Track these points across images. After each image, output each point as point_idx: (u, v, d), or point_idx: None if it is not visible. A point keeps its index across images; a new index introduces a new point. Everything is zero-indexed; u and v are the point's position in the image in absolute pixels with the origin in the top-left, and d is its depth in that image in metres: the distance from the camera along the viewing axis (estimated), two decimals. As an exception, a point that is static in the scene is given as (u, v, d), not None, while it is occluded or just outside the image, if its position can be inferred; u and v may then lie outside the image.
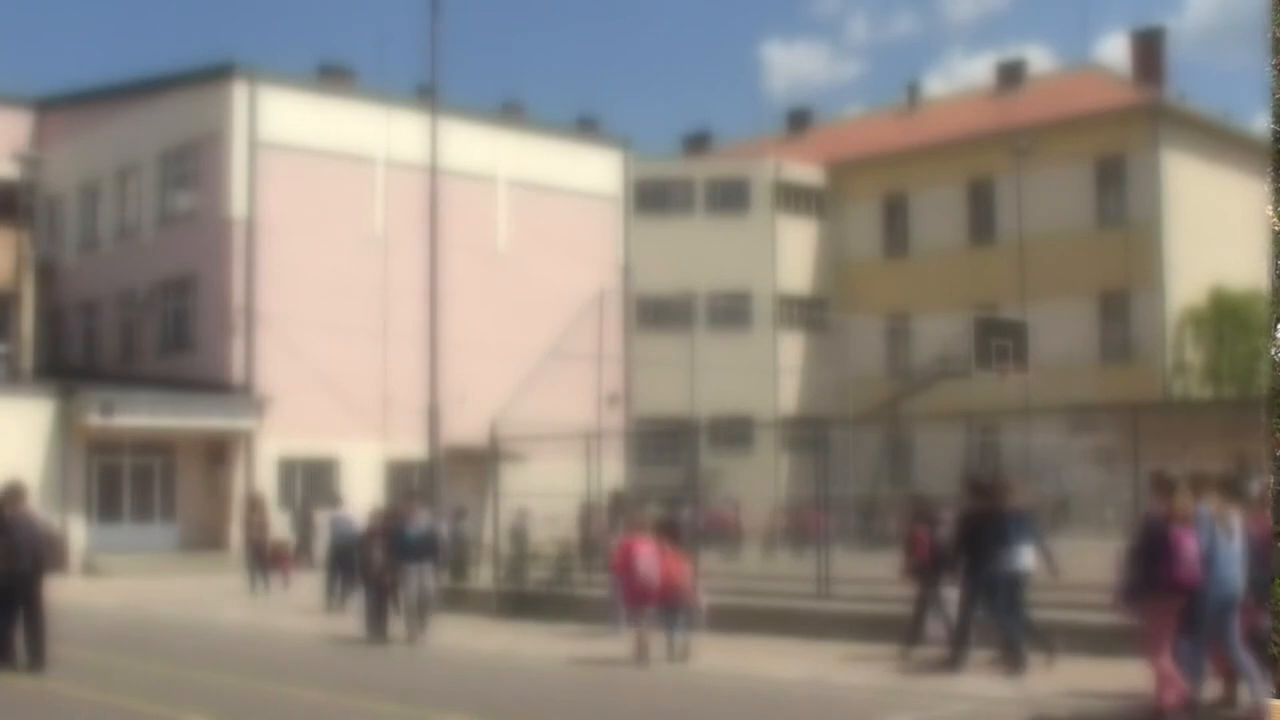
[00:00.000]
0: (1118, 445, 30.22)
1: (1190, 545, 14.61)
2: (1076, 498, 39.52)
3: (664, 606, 20.88)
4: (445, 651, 22.63)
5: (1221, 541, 14.83)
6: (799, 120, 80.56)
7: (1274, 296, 12.38)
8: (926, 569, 20.38)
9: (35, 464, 41.26)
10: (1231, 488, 15.52)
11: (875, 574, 23.33)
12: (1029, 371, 46.73)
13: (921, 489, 30.55)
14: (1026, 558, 19.16)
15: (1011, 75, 71.35)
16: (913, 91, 77.20)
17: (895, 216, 67.31)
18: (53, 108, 57.09)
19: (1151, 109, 60.13)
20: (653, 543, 20.95)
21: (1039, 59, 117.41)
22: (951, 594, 19.93)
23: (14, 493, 19.99)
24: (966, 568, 19.31)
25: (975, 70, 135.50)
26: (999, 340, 47.44)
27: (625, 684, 18.84)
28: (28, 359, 46.40)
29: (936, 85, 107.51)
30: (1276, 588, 11.58)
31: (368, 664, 21.54)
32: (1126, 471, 22.25)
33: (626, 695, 18.04)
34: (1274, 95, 12.26)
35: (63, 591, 20.01)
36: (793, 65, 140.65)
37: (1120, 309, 58.97)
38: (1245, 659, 14.81)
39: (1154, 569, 14.70)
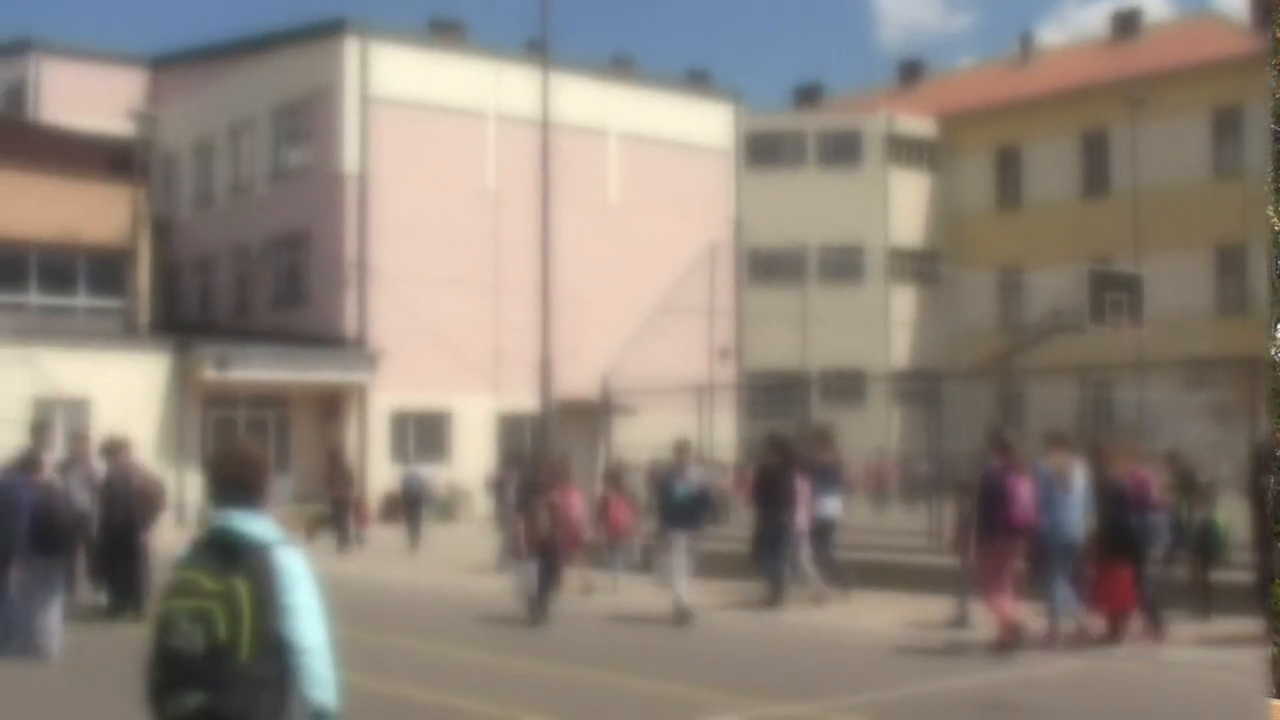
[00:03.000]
0: (1233, 400, 29.87)
1: (1025, 492, 17.00)
2: (1191, 453, 39.10)
3: (608, 546, 24.86)
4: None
5: (1058, 493, 17.18)
6: (911, 71, 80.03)
7: (1274, 296, 12.20)
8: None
9: (152, 417, 41.79)
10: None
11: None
12: (1143, 325, 46.20)
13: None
14: (832, 506, 22.56)
15: (1127, 24, 70.47)
16: (1026, 41, 76.50)
17: (1008, 168, 66.73)
18: (167, 66, 57.61)
19: (1270, 58, 59.03)
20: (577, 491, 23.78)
21: (1155, 7, 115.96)
22: None
23: (115, 445, 20.29)
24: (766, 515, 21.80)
25: (1090, 19, 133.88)
26: (1113, 294, 46.83)
27: (703, 634, 18.86)
28: (145, 314, 46.80)
29: (1050, 35, 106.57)
30: (1276, 588, 11.53)
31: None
32: (1242, 427, 22.05)
33: (698, 644, 18.08)
34: (1274, 95, 12.13)
35: (178, 542, 20.12)
36: (905, 15, 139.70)
37: (1236, 262, 58.14)
38: (1061, 594, 17.18)
39: (992, 514, 17.15)
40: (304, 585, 6.10)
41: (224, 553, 6.10)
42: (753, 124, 60.06)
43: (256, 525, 6.26)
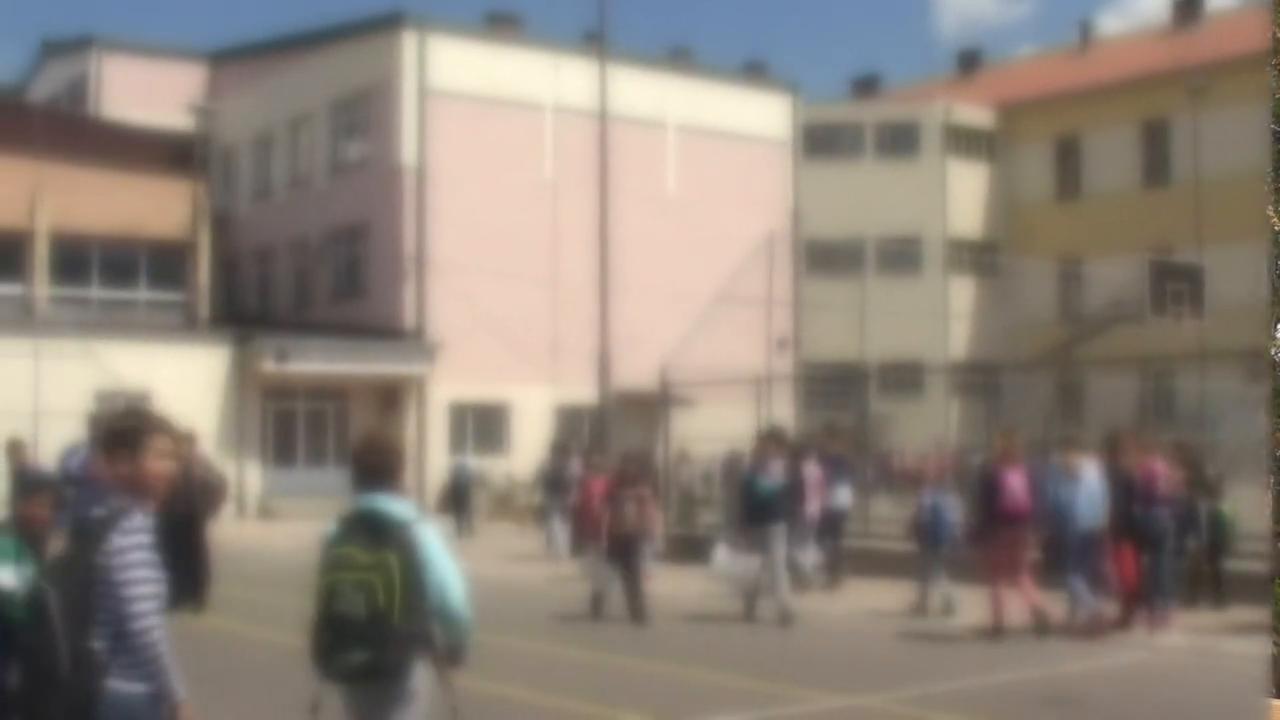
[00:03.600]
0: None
1: (1015, 483, 17.92)
2: (1253, 445, 38.83)
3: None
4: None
5: (1065, 486, 17.93)
6: (969, 61, 79.71)
7: (1274, 296, 12.11)
8: None
9: (212, 410, 42.01)
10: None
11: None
12: (1204, 316, 45.89)
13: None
14: (843, 496, 23.67)
15: (1188, 11, 70.00)
16: (1085, 30, 76.07)
17: (1067, 158, 66.40)
18: (226, 61, 57.85)
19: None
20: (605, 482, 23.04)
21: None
22: None
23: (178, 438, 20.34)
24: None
25: (1150, 7, 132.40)
26: (1174, 284, 46.45)
27: (750, 628, 18.85)
28: (205, 307, 47.07)
29: (1110, 23, 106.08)
30: (1277, 588, 11.46)
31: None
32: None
33: (754, 639, 18.08)
34: (1274, 95, 12.05)
35: (239, 534, 20.33)
36: (963, 5, 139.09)
37: (1300, 251, 57.59)
38: (1077, 586, 17.74)
39: (987, 505, 18.15)
40: (443, 554, 7.33)
41: (373, 530, 7.25)
42: (810, 115, 59.89)
43: (398, 506, 7.42)
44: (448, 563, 7.35)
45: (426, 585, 7.19)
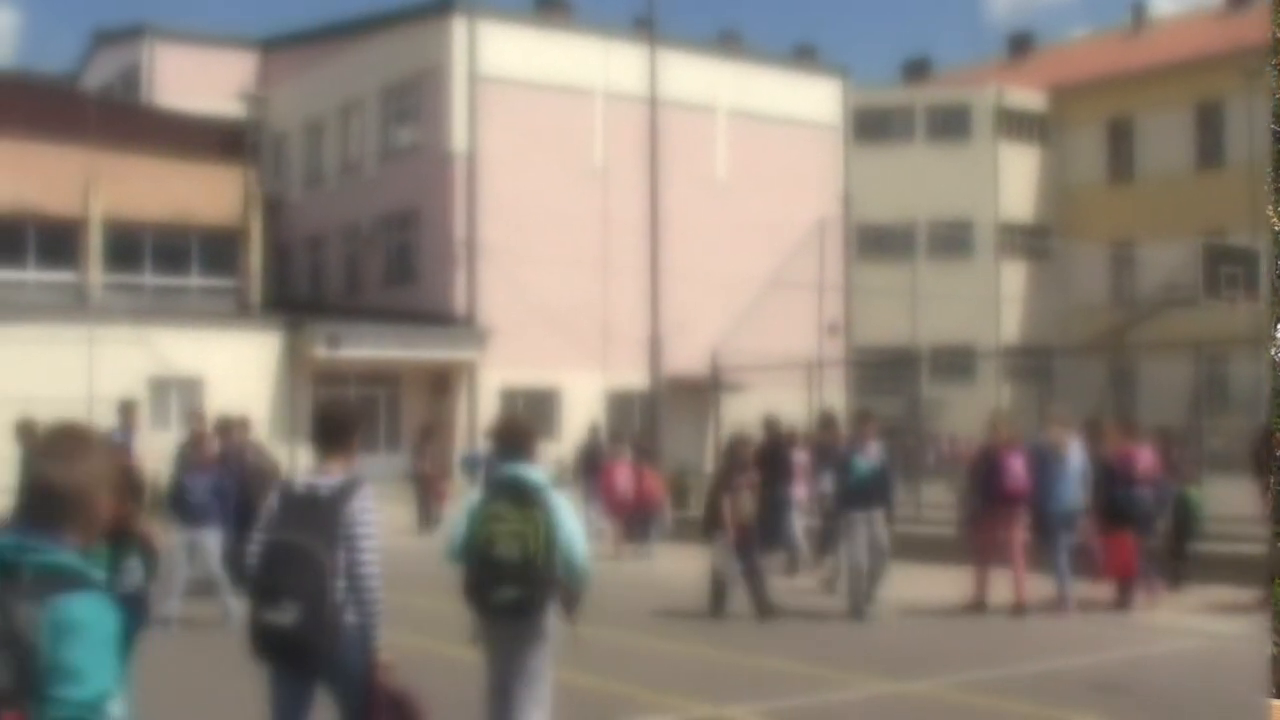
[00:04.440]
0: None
1: (1017, 465, 18.44)
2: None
3: (638, 516, 26.69)
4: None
5: (1052, 465, 18.48)
6: (1020, 44, 79.34)
7: (1274, 296, 12.02)
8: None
9: (264, 396, 42.18)
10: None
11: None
12: (1260, 300, 45.58)
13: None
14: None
15: (1242, -7, 69.49)
16: (1138, 11, 75.60)
17: (1120, 141, 66.04)
18: (277, 48, 58.07)
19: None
20: (629, 464, 26.34)
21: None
22: None
23: (232, 424, 20.45)
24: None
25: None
26: (1228, 267, 46.24)
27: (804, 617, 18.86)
28: (256, 293, 47.25)
29: (1163, 4, 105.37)
30: (1276, 587, 11.42)
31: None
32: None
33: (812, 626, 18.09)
34: (1274, 95, 11.95)
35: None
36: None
37: (1356, 234, 57.17)
38: (1061, 565, 18.39)
39: (988, 487, 18.64)
40: (571, 515, 8.98)
41: (518, 492, 8.94)
42: (861, 99, 59.75)
43: (535, 474, 9.14)
44: (574, 522, 9.00)
45: (559, 539, 8.82)
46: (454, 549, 9.07)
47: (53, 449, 4.46)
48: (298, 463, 40.51)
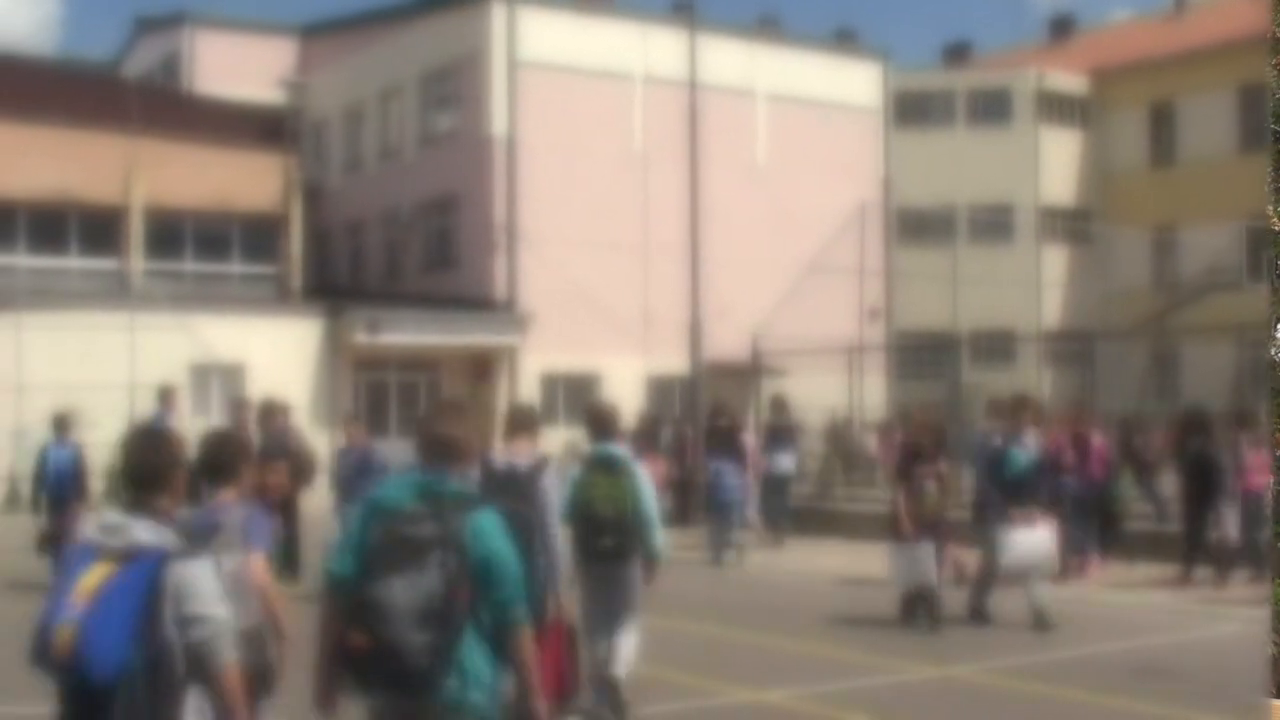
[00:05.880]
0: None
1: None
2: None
3: None
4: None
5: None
6: (1061, 27, 78.91)
7: (1274, 296, 11.95)
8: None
9: (305, 381, 42.27)
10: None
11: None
12: (1304, 282, 45.32)
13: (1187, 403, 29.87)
14: (786, 462, 27.03)
15: (1285, -25, 68.98)
16: (1180, -6, 75.13)
17: (1162, 125, 65.64)
18: (317, 35, 58.14)
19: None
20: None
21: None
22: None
23: (268, 410, 20.54)
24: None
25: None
26: (1271, 251, 46.03)
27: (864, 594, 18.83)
28: (297, 279, 47.37)
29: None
30: (1277, 587, 11.35)
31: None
32: None
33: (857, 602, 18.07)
34: (1274, 95, 11.90)
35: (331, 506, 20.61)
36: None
37: (1402, 216, 56.80)
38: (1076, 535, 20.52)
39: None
40: (648, 485, 11.90)
41: (609, 465, 11.82)
42: (901, 83, 59.52)
43: (619, 450, 12.12)
44: (650, 490, 11.91)
45: (641, 502, 11.66)
46: (565, 511, 11.22)
47: (440, 415, 7.01)
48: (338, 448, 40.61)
